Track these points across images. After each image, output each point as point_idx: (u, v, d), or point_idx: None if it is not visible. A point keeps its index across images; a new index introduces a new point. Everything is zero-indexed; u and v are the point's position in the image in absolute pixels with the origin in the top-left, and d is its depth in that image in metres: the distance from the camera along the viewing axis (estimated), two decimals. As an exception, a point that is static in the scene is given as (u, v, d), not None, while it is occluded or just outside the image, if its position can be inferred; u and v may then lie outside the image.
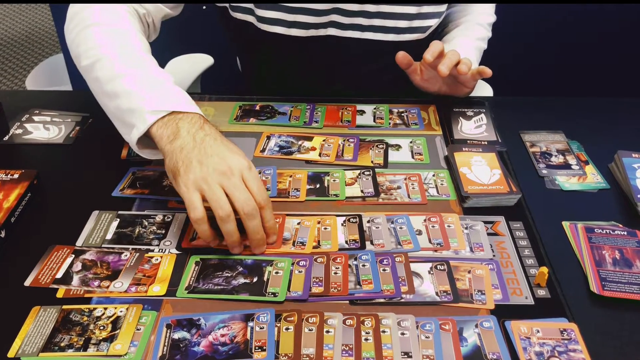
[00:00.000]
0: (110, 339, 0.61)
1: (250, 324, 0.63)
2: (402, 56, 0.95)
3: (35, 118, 0.99)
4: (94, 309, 0.65)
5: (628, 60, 1.73)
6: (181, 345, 0.61)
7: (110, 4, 0.87)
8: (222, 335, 0.62)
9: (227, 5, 1.03)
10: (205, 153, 0.71)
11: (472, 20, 1.10)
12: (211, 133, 0.74)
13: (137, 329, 0.63)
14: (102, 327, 0.63)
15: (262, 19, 1.01)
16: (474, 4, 1.12)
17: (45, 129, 0.96)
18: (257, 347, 0.61)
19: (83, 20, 0.85)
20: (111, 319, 0.64)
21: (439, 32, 1.13)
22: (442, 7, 1.04)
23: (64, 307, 0.65)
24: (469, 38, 1.08)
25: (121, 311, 0.64)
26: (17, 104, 1.03)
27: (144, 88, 0.77)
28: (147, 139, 0.77)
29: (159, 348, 0.61)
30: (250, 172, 0.71)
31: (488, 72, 0.92)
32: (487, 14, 1.13)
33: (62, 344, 0.61)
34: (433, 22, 1.04)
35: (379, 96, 1.05)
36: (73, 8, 0.88)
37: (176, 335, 0.62)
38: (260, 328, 0.63)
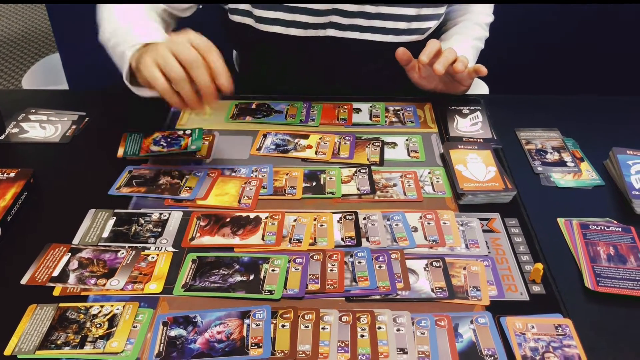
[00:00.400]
0: (107, 336, 0.62)
1: (247, 321, 0.64)
2: (401, 52, 0.96)
3: (32, 117, 0.99)
4: (91, 306, 0.65)
5: (623, 59, 1.73)
6: (177, 343, 0.62)
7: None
8: (219, 333, 0.63)
9: (227, 7, 1.04)
10: (157, 45, 0.78)
11: (470, 19, 1.11)
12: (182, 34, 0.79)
13: (134, 327, 0.63)
14: (98, 325, 0.63)
15: (260, 19, 1.01)
16: (473, 4, 1.13)
17: (41, 128, 0.96)
18: (253, 344, 0.61)
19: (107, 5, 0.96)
20: (107, 317, 0.64)
21: (437, 30, 1.13)
22: (441, 9, 1.04)
23: (61, 305, 0.65)
24: (467, 37, 1.08)
25: (118, 309, 0.65)
26: (13, 103, 1.03)
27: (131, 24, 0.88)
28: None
29: (156, 345, 0.61)
30: (195, 34, 0.76)
31: (483, 70, 0.93)
32: (485, 14, 1.13)
33: (59, 342, 0.61)
34: (432, 24, 1.04)
35: (377, 94, 1.06)
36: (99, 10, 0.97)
37: (172, 333, 0.63)
38: (257, 325, 0.63)
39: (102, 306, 0.65)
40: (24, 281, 0.69)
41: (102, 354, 0.60)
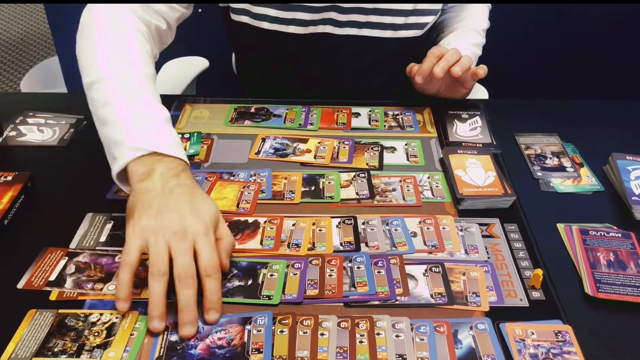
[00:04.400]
0: (104, 345, 0.61)
1: (248, 327, 0.63)
2: (408, 70, 0.99)
3: (29, 120, 0.99)
4: (90, 314, 0.64)
5: (624, 63, 1.74)
6: (178, 348, 0.61)
7: (122, 20, 0.85)
8: (219, 339, 0.62)
9: (227, 5, 1.04)
10: (167, 205, 0.66)
11: (466, 26, 1.11)
12: (184, 184, 0.70)
13: (131, 335, 0.62)
14: (96, 333, 0.62)
15: (258, 16, 1.01)
16: (469, 10, 1.13)
17: (39, 131, 0.96)
18: (254, 350, 0.61)
19: (91, 32, 0.84)
20: (106, 325, 0.63)
21: (434, 39, 1.13)
22: (438, 6, 1.05)
23: (60, 311, 0.65)
24: (464, 43, 1.08)
25: (117, 317, 0.64)
26: (10, 106, 1.03)
27: (132, 121, 0.74)
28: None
29: (156, 350, 0.61)
30: (205, 238, 0.65)
31: (481, 72, 0.93)
32: (481, 20, 1.13)
33: (56, 349, 0.60)
34: (429, 19, 1.04)
35: (377, 96, 1.05)
36: (84, 16, 0.87)
37: (173, 338, 0.62)
38: (258, 331, 0.63)
39: (101, 314, 0.64)
40: (20, 285, 0.68)
41: (99, 362, 0.59)
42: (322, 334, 0.62)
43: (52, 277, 0.69)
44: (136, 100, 0.76)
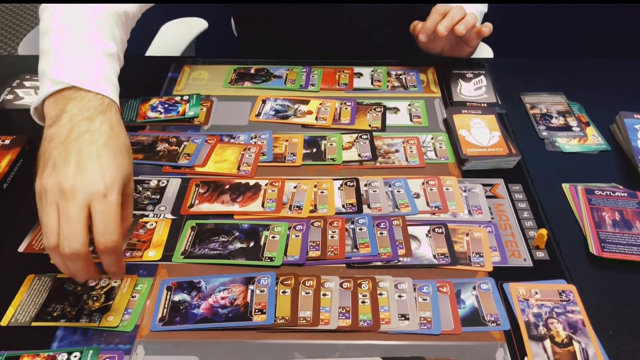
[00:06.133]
0: (103, 309, 0.61)
1: (251, 287, 0.63)
2: (412, 27, 0.96)
3: (27, 83, 0.97)
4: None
5: (630, 20, 1.70)
6: (181, 307, 0.61)
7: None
8: (222, 298, 0.62)
9: None
10: (66, 156, 0.55)
11: None
12: (97, 130, 0.57)
13: (132, 297, 0.62)
14: (95, 298, 0.62)
15: None
16: None
17: (36, 94, 0.94)
18: (257, 310, 0.61)
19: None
20: (105, 290, 0.63)
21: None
22: None
23: (59, 275, 0.64)
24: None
25: (115, 282, 0.64)
26: (7, 69, 1.01)
27: (63, 50, 0.65)
28: None
29: (159, 310, 0.61)
30: (102, 201, 0.53)
31: (485, 30, 0.91)
32: None
33: (55, 314, 0.60)
34: None
35: (380, 56, 1.03)
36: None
37: (176, 298, 0.62)
38: (261, 291, 0.63)
39: (99, 278, 0.64)
40: (21, 249, 0.68)
41: (97, 328, 0.59)
42: (324, 295, 0.62)
43: (53, 241, 0.68)
44: (78, 31, 0.67)
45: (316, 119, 0.89)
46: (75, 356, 0.56)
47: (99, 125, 0.58)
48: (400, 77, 0.99)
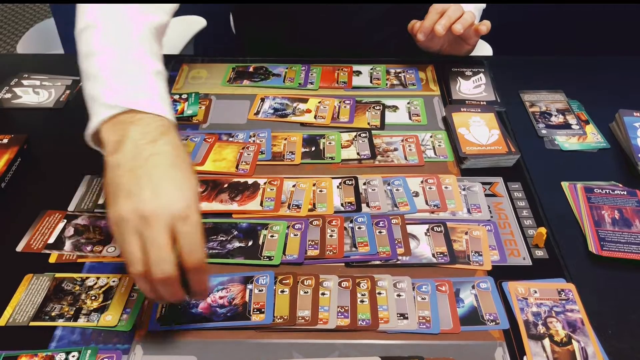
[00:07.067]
0: (101, 309, 0.61)
1: (250, 286, 0.63)
2: (410, 27, 0.96)
3: (25, 82, 0.97)
4: (87, 278, 0.64)
5: (630, 18, 1.69)
6: (179, 307, 0.61)
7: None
8: (221, 297, 0.62)
9: None
10: (137, 181, 0.53)
11: None
12: (162, 152, 0.56)
13: (131, 297, 0.62)
14: (93, 297, 0.62)
15: None
16: None
17: (34, 93, 0.94)
18: (255, 310, 0.60)
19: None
20: (103, 289, 0.63)
21: None
22: None
23: (57, 275, 0.64)
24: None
25: (114, 281, 0.64)
26: (5, 68, 1.01)
27: (112, 72, 0.62)
28: None
29: (157, 310, 0.61)
30: (185, 223, 0.52)
31: (483, 28, 0.91)
32: None
33: (53, 314, 0.60)
34: None
35: (379, 54, 1.03)
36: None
37: None
38: (259, 290, 0.62)
39: (98, 278, 0.64)
40: (19, 248, 0.68)
41: (96, 327, 0.59)
42: (323, 294, 0.62)
43: (51, 240, 0.68)
44: (124, 51, 0.65)
45: (315, 117, 0.89)
46: (73, 356, 0.56)
47: (162, 147, 0.56)
48: (400, 75, 0.99)
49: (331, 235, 0.69)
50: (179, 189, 0.53)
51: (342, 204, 0.74)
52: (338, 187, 0.76)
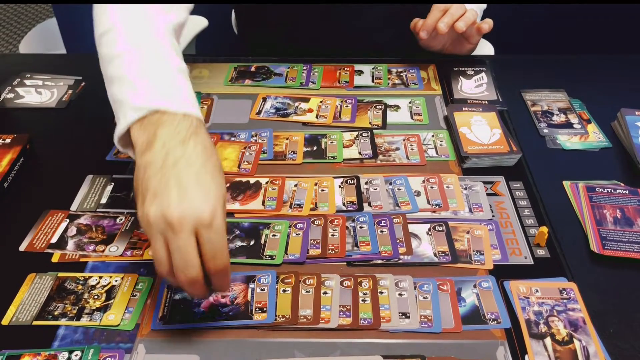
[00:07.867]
0: (104, 308, 0.61)
1: (252, 285, 0.63)
2: (412, 25, 0.96)
3: (27, 82, 0.97)
4: (89, 277, 0.64)
5: (632, 17, 1.69)
6: (182, 306, 0.61)
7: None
8: (223, 297, 0.62)
9: None
10: (165, 183, 0.53)
11: None
12: (193, 152, 0.55)
13: (133, 296, 0.62)
14: (96, 297, 0.62)
15: None
16: None
17: (37, 93, 0.95)
18: (257, 309, 0.61)
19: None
20: (106, 288, 0.63)
21: None
22: None
23: (60, 274, 0.64)
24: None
25: (116, 280, 0.64)
26: (8, 67, 1.01)
27: (138, 74, 0.62)
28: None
29: (160, 308, 0.61)
30: (209, 229, 0.52)
31: (485, 27, 0.91)
32: None
33: (56, 313, 0.61)
34: None
35: (380, 53, 1.03)
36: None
37: (177, 296, 0.62)
38: (261, 290, 0.63)
39: (100, 277, 0.64)
40: (22, 248, 0.68)
41: (99, 326, 0.59)
42: (325, 293, 0.62)
43: (54, 240, 0.69)
44: (148, 51, 0.64)
45: (317, 116, 0.89)
46: (76, 355, 0.56)
47: (193, 147, 0.56)
48: (401, 74, 0.99)
49: (333, 235, 0.69)
50: (205, 193, 0.53)
51: (343, 204, 0.74)
52: (340, 186, 0.76)
